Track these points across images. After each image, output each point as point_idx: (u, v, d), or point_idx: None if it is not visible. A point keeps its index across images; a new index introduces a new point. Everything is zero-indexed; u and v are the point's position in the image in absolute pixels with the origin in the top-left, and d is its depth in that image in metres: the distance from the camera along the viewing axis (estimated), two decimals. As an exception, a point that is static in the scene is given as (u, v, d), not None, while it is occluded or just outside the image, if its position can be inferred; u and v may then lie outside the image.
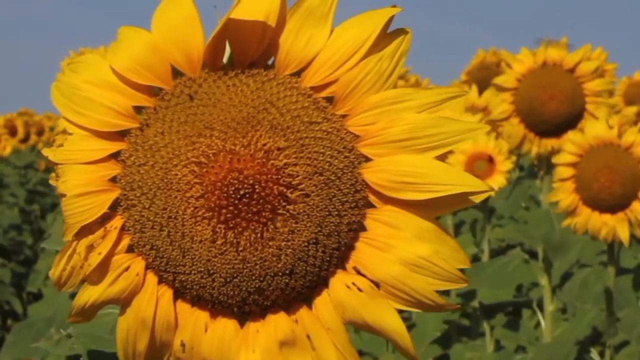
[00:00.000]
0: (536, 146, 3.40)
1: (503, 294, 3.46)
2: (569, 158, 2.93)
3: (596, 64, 3.53)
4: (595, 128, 2.93)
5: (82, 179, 0.95)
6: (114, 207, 0.96)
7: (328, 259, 0.94)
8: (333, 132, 0.94)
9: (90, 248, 0.95)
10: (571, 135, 2.97)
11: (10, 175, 9.67)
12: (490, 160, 3.82)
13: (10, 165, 10.17)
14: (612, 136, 2.89)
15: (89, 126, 0.95)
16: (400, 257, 0.94)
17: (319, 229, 0.93)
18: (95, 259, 0.95)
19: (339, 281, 0.95)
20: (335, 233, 0.94)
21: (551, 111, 3.40)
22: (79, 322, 1.00)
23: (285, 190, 0.91)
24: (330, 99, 0.95)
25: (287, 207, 0.91)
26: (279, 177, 0.91)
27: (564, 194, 2.90)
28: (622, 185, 2.86)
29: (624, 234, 2.82)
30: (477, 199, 0.96)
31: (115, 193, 0.96)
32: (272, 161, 0.91)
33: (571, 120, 3.39)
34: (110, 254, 0.95)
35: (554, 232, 3.10)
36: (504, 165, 3.81)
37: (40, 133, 11.00)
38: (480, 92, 4.76)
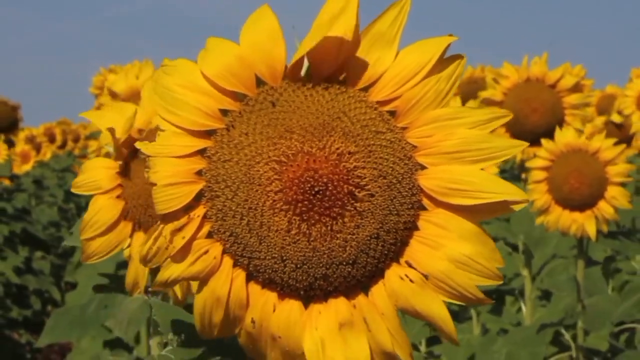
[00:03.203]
0: (520, 153, 3.41)
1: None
2: (542, 162, 2.95)
3: (575, 80, 3.54)
4: (566, 136, 2.95)
5: (171, 171, 0.95)
6: (198, 197, 0.96)
7: (386, 252, 0.95)
8: (395, 142, 0.95)
9: (175, 232, 0.95)
10: (544, 142, 2.99)
11: (50, 177, 9.68)
12: None
13: (49, 168, 10.18)
14: (581, 143, 2.91)
15: (180, 124, 0.96)
16: (447, 254, 0.94)
17: (380, 225, 0.93)
18: (179, 242, 0.95)
19: (393, 273, 0.95)
20: (394, 230, 0.94)
21: (534, 122, 3.42)
22: (160, 290, 1.00)
23: (354, 189, 0.92)
24: (393, 113, 0.96)
25: (355, 204, 0.92)
26: (349, 177, 0.92)
27: (538, 195, 2.92)
28: (590, 186, 2.88)
29: (591, 230, 2.85)
30: (517, 208, 0.97)
31: (200, 185, 0.96)
32: (343, 163, 0.92)
33: (552, 130, 3.40)
34: (193, 238, 0.96)
35: (533, 228, 3.12)
36: (490, 169, 3.83)
37: (76, 140, 11.02)
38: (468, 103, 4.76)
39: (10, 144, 7.42)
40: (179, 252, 0.96)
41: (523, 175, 3.52)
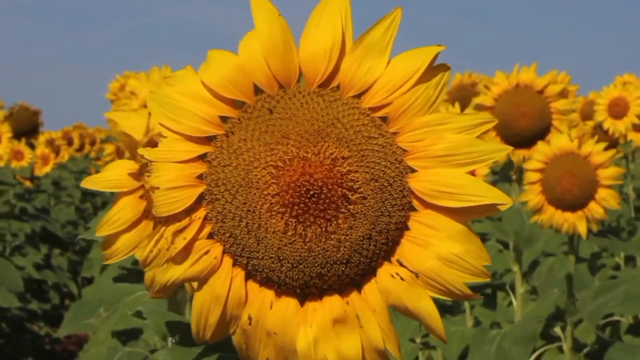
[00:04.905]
0: (510, 155, 3.41)
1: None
2: (537, 165, 2.95)
3: (561, 86, 3.54)
4: (560, 140, 2.95)
5: (173, 175, 0.94)
6: (199, 200, 0.96)
7: (378, 252, 0.94)
8: (387, 146, 0.94)
9: (177, 233, 0.95)
10: (539, 145, 2.99)
11: (68, 178, 9.72)
12: None
13: (67, 170, 10.23)
14: (573, 147, 2.91)
15: (181, 131, 0.95)
16: (436, 253, 0.94)
17: (372, 226, 0.93)
18: (180, 243, 0.95)
19: (385, 271, 0.95)
20: (385, 230, 0.94)
21: (523, 126, 3.41)
22: (160, 298, 0.99)
23: (347, 192, 0.91)
24: (384, 118, 0.95)
25: (348, 206, 0.92)
26: (343, 181, 0.91)
27: (532, 195, 2.92)
28: (581, 188, 2.88)
29: (582, 229, 2.85)
30: (502, 209, 0.96)
31: (201, 188, 0.95)
32: (337, 168, 0.91)
33: (540, 133, 3.40)
34: (194, 239, 0.95)
35: (524, 227, 3.11)
36: (482, 170, 3.82)
37: (92, 143, 11.09)
38: (461, 109, 4.74)
39: (31, 147, 7.49)
40: (180, 253, 0.95)
41: (513, 176, 3.51)
